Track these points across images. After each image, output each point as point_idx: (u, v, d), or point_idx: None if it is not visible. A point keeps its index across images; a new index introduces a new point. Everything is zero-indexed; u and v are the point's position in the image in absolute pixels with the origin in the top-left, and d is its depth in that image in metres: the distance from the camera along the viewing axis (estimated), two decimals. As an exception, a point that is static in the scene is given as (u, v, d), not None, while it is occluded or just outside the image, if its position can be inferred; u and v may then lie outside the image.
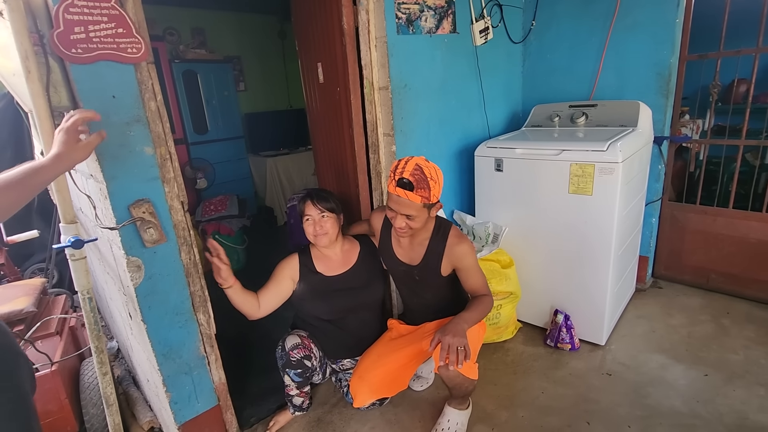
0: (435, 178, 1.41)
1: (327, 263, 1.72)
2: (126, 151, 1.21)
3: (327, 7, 1.94)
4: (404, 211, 1.41)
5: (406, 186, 1.37)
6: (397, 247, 1.65)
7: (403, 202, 1.40)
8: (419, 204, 1.39)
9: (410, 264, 1.62)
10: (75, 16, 1.06)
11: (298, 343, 1.61)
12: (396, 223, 1.45)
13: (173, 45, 3.99)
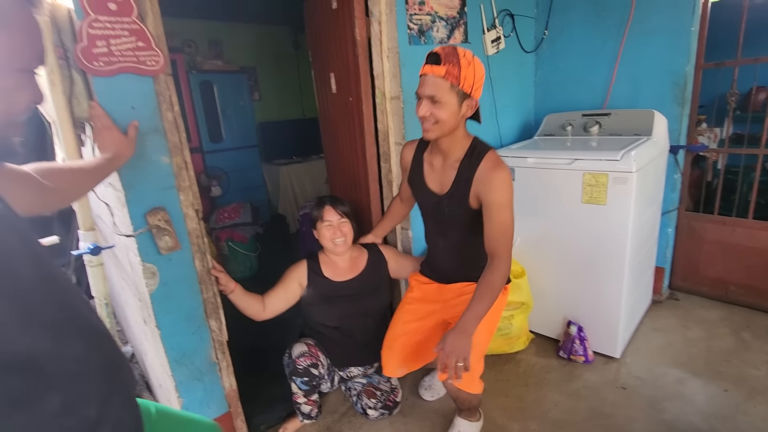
0: (470, 60, 1.18)
1: (335, 269, 1.74)
2: (144, 161, 1.24)
3: (340, 19, 1.98)
4: (428, 91, 1.19)
5: (431, 59, 1.18)
6: (429, 173, 1.42)
7: (427, 80, 1.19)
8: (446, 83, 1.16)
9: (440, 193, 1.39)
10: (98, 31, 1.11)
11: (304, 351, 1.62)
12: (419, 111, 1.23)
13: (191, 56, 4.09)
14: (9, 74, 0.53)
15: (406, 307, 1.63)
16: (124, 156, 1.12)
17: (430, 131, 1.25)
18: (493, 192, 1.24)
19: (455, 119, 1.22)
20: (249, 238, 3.23)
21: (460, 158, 1.32)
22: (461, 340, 1.17)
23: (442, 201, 1.38)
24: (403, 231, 2.14)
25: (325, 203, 1.70)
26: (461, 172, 1.31)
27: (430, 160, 1.40)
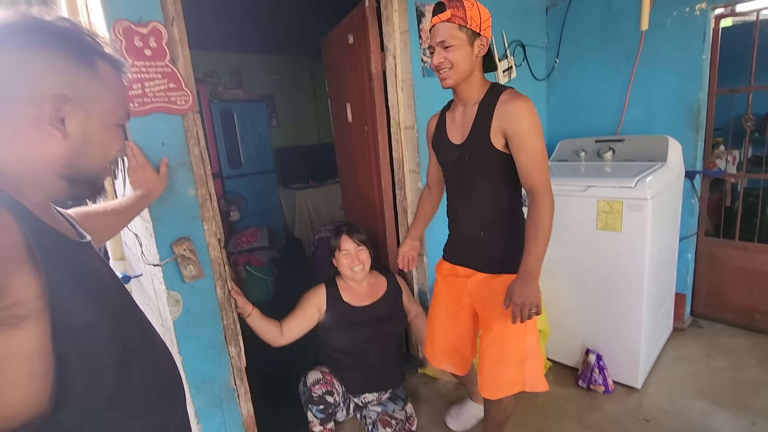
0: (473, 2, 1.19)
1: (354, 294, 1.78)
2: (171, 193, 1.30)
3: (356, 53, 2.07)
4: (439, 37, 1.19)
5: (437, 9, 1.20)
6: (450, 127, 1.37)
7: (436, 28, 1.20)
8: (453, 25, 1.17)
9: (461, 142, 1.31)
10: (134, 75, 1.19)
11: (319, 379, 1.64)
12: (434, 60, 1.22)
13: (213, 86, 4.28)
14: (108, 129, 0.63)
15: (437, 302, 1.55)
16: (156, 193, 1.19)
17: (448, 77, 1.23)
18: (517, 120, 1.18)
19: (469, 60, 1.21)
20: (266, 262, 3.29)
21: (479, 100, 1.27)
22: (528, 287, 1.16)
23: (463, 149, 1.30)
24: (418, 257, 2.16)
25: (342, 233, 1.75)
26: (480, 112, 1.26)
27: (452, 115, 1.37)
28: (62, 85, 0.57)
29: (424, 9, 1.93)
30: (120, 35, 1.16)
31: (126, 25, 1.16)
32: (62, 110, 0.57)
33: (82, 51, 0.59)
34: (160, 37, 1.22)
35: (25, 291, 0.50)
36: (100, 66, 0.61)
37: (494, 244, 1.34)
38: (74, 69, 0.58)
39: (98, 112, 0.61)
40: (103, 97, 0.61)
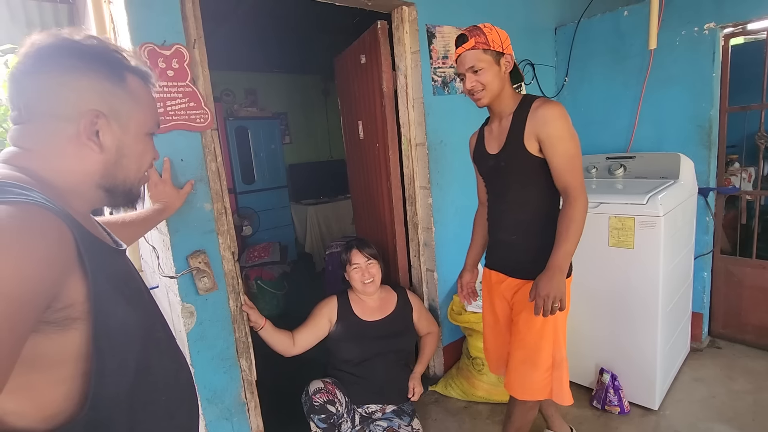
0: (491, 27, 1.29)
1: (364, 308, 1.79)
2: (188, 207, 1.35)
3: (368, 73, 2.12)
4: (468, 64, 1.28)
5: (460, 41, 1.30)
6: (488, 137, 1.45)
7: (462, 57, 1.29)
8: (478, 50, 1.26)
9: (497, 151, 1.38)
10: (156, 95, 1.24)
11: (320, 388, 1.65)
12: (466, 85, 1.31)
13: (229, 104, 4.40)
14: (142, 139, 0.67)
15: (484, 310, 1.60)
16: (174, 208, 1.24)
17: (482, 98, 1.31)
18: (549, 124, 1.24)
19: (499, 78, 1.29)
20: (277, 277, 3.31)
21: (513, 111, 1.35)
22: (554, 280, 1.20)
23: (499, 157, 1.37)
24: (428, 273, 2.17)
25: (352, 247, 1.78)
26: (515, 120, 1.33)
27: (490, 128, 1.45)
28: (96, 102, 0.61)
29: (435, 30, 1.99)
30: (145, 57, 1.22)
31: (151, 48, 1.22)
32: (97, 125, 0.61)
33: (111, 67, 0.63)
34: (182, 59, 1.28)
35: (77, 294, 0.54)
36: (130, 80, 0.65)
37: (526, 249, 1.38)
38: (106, 85, 0.62)
39: (131, 125, 0.65)
40: (134, 109, 0.65)
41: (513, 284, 1.42)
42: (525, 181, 1.35)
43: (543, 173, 1.30)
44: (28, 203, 0.50)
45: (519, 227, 1.39)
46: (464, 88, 1.33)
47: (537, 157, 1.29)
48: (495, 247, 1.51)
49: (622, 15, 2.37)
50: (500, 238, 1.46)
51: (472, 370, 2.03)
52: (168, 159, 1.28)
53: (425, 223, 2.11)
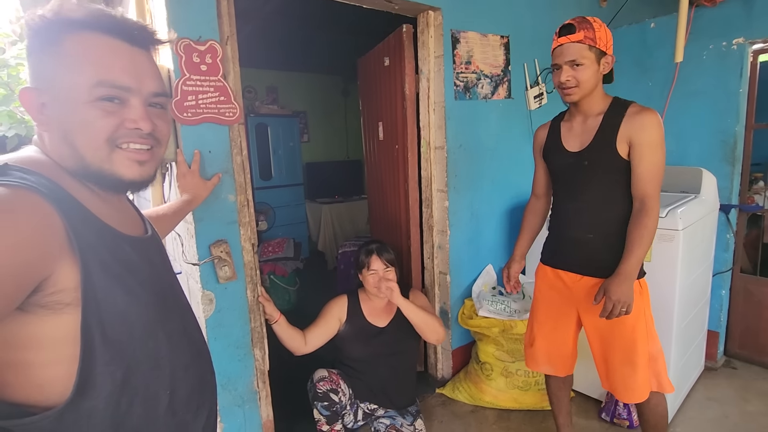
0: (600, 23, 1.25)
1: (373, 310, 1.80)
2: (213, 198, 1.39)
3: (391, 75, 2.15)
4: (569, 56, 1.24)
5: (566, 30, 1.25)
6: (566, 134, 1.43)
7: (565, 48, 1.25)
8: (584, 45, 1.22)
9: (579, 149, 1.37)
10: (190, 88, 1.29)
11: (324, 376, 1.67)
12: (560, 77, 1.28)
13: (250, 101, 4.48)
14: (81, 108, 0.57)
15: (537, 307, 1.58)
16: (200, 198, 1.27)
17: (573, 94, 1.30)
18: (645, 131, 1.24)
19: (595, 78, 1.28)
20: (290, 273, 3.35)
21: (602, 112, 1.33)
22: (624, 285, 1.23)
23: (581, 156, 1.36)
24: (441, 276, 2.18)
25: (372, 252, 1.74)
26: (605, 122, 1.31)
27: (569, 125, 1.43)
28: (34, 78, 0.59)
29: (459, 35, 2.01)
30: (181, 52, 1.26)
31: (187, 43, 1.27)
32: (44, 104, 0.58)
33: (44, 33, 0.57)
34: (215, 55, 1.32)
35: (68, 280, 0.53)
36: (68, 41, 0.57)
37: (605, 248, 1.36)
38: (39, 56, 0.58)
39: (64, 93, 0.57)
40: (67, 74, 0.57)
41: (592, 283, 1.39)
42: (609, 181, 1.34)
43: (627, 175, 1.30)
44: (18, 187, 0.50)
45: (599, 226, 1.36)
46: (555, 80, 1.31)
47: (625, 159, 1.29)
48: (564, 245, 1.46)
49: (649, 27, 2.36)
50: (573, 236, 1.42)
51: (481, 375, 2.03)
52: (198, 152, 1.32)
53: (440, 226, 2.12)
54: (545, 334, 1.55)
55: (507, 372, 1.96)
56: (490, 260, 2.31)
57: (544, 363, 1.58)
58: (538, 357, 1.58)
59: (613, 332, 1.37)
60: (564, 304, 1.48)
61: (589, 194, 1.37)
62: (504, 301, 2.07)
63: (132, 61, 0.60)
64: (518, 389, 1.96)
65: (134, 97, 0.60)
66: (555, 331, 1.52)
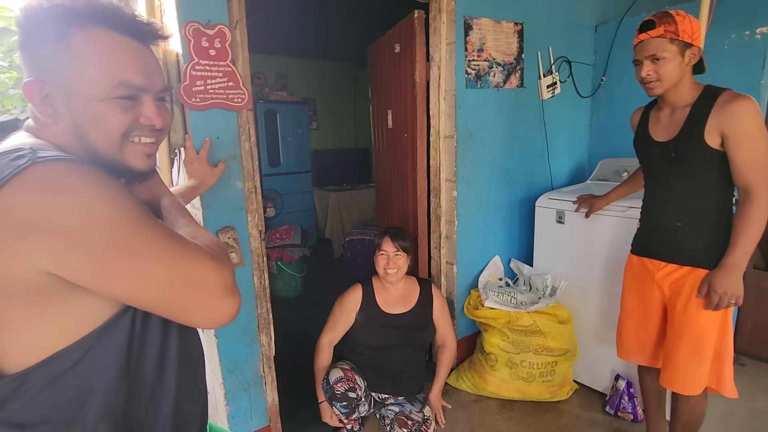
0: (684, 15, 1.23)
1: (387, 298, 1.81)
2: (221, 184, 1.39)
3: (402, 62, 2.12)
4: (648, 51, 1.25)
5: (646, 26, 1.25)
6: (654, 125, 1.42)
7: (645, 43, 1.25)
8: (665, 39, 1.22)
9: (667, 140, 1.35)
10: (198, 73, 1.28)
11: (341, 377, 1.68)
12: (641, 73, 1.28)
13: (260, 87, 4.46)
14: (94, 104, 0.58)
15: (626, 296, 1.58)
16: (207, 185, 1.27)
17: (655, 88, 1.29)
18: (738, 121, 1.20)
19: (679, 70, 1.26)
20: (296, 259, 3.37)
21: (690, 102, 1.31)
22: (732, 277, 1.22)
23: (668, 146, 1.35)
24: (447, 266, 2.17)
25: (386, 234, 1.80)
26: (693, 113, 1.29)
27: (657, 115, 1.42)
28: (38, 69, 0.57)
29: (472, 22, 1.96)
30: (189, 35, 1.25)
31: (195, 27, 1.26)
32: (50, 95, 0.57)
33: (51, 28, 0.56)
34: (224, 39, 1.31)
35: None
36: (77, 36, 0.56)
37: (693, 237, 1.35)
38: (45, 49, 0.57)
39: (77, 90, 0.57)
40: (79, 72, 0.57)
41: (673, 271, 1.39)
42: (698, 172, 1.31)
43: (720, 165, 1.27)
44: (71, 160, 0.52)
45: (687, 214, 1.35)
46: (637, 75, 1.31)
47: (716, 150, 1.25)
48: (652, 234, 1.46)
49: (669, 15, 2.28)
50: (662, 224, 1.41)
51: (485, 365, 2.03)
52: (209, 139, 1.32)
53: (448, 216, 2.11)
54: (633, 325, 1.55)
55: (511, 363, 1.97)
56: (498, 251, 2.30)
57: (635, 353, 1.56)
58: (628, 347, 1.58)
59: (689, 321, 1.34)
60: (650, 293, 1.47)
61: (677, 184, 1.36)
62: (510, 293, 2.06)
63: (144, 60, 0.62)
64: (522, 380, 1.97)
65: (146, 95, 0.62)
66: (643, 321, 1.51)
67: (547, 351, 1.93)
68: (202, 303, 0.56)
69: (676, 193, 1.37)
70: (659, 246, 1.43)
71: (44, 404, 0.54)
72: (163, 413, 0.65)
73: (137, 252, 0.52)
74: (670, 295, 1.40)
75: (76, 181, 0.50)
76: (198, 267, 0.55)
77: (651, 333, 1.51)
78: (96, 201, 0.50)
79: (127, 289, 0.53)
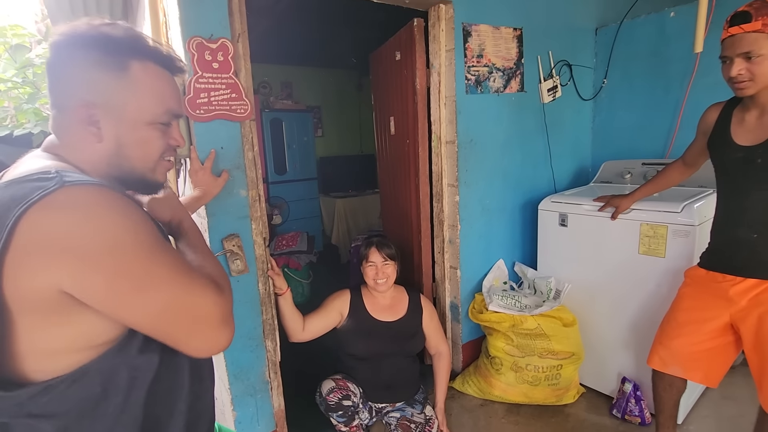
0: None
1: (376, 305, 1.82)
2: (226, 193, 1.42)
3: (402, 69, 2.15)
4: (743, 48, 1.13)
5: (739, 19, 1.13)
6: (737, 127, 1.32)
7: (737, 39, 1.14)
8: (763, 34, 1.10)
9: (753, 144, 1.26)
10: (202, 85, 1.32)
11: (333, 387, 1.68)
12: (731, 71, 1.17)
13: (265, 96, 4.53)
14: (144, 128, 0.65)
15: (679, 305, 1.49)
16: (212, 194, 1.31)
17: (746, 88, 1.19)
18: None
19: None
20: (303, 266, 3.40)
21: None
22: None
23: (754, 152, 1.25)
24: (452, 270, 2.18)
25: (372, 244, 1.80)
26: None
27: (741, 116, 1.32)
28: (89, 92, 0.61)
29: (471, 29, 1.99)
30: (193, 50, 1.29)
31: (199, 41, 1.30)
32: (95, 115, 0.62)
33: (110, 56, 0.62)
34: (227, 52, 1.35)
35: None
36: (134, 67, 0.63)
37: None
38: (101, 75, 0.62)
39: (129, 114, 0.64)
40: (134, 99, 0.63)
41: (754, 285, 1.29)
42: None
43: None
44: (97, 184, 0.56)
45: (763, 226, 1.27)
46: (725, 73, 1.20)
47: None
48: (726, 246, 1.37)
49: (668, 16, 2.29)
50: (735, 236, 1.33)
51: (491, 369, 2.04)
52: (213, 150, 1.36)
53: (451, 221, 2.12)
54: (684, 336, 1.45)
55: (517, 367, 1.96)
56: (501, 255, 2.31)
57: (675, 364, 1.48)
58: (668, 357, 1.49)
59: None
60: (715, 307, 1.38)
61: (757, 193, 1.27)
62: (514, 296, 2.06)
63: (178, 90, 0.71)
64: (528, 384, 1.96)
65: (175, 120, 0.71)
66: (695, 334, 1.43)
67: (552, 354, 1.93)
68: (199, 332, 0.59)
69: (754, 202, 1.27)
70: (736, 261, 1.33)
71: (69, 400, 0.57)
72: (178, 409, 0.68)
73: (148, 281, 0.55)
74: (750, 312, 1.30)
75: (102, 207, 0.54)
76: (200, 299, 0.59)
77: (703, 348, 1.42)
78: (119, 229, 0.54)
79: (131, 314, 0.56)
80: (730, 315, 1.36)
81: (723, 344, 1.42)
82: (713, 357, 1.45)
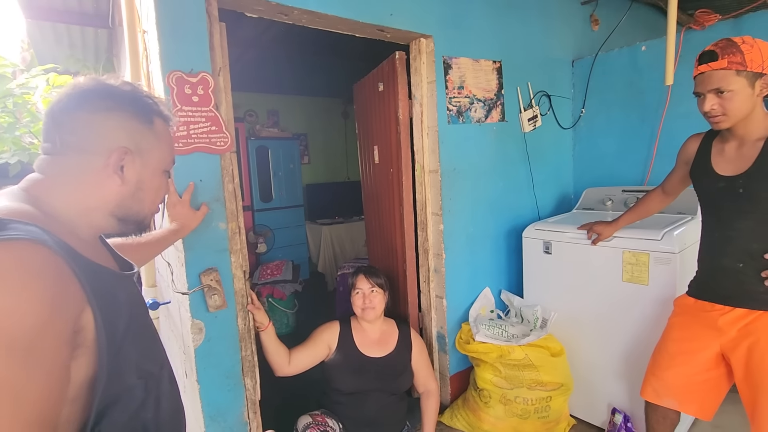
0: (752, 43, 1.13)
1: (365, 339, 1.77)
2: (204, 226, 1.39)
3: (386, 100, 2.18)
4: (711, 85, 1.16)
5: (706, 57, 1.16)
6: (717, 157, 1.32)
7: (706, 76, 1.16)
8: (730, 71, 1.13)
9: (733, 174, 1.26)
10: (181, 118, 1.31)
11: (309, 423, 1.62)
12: (704, 106, 1.19)
13: (251, 124, 4.55)
14: (159, 175, 0.75)
15: (669, 335, 1.48)
16: (189, 228, 1.28)
17: (721, 122, 1.21)
18: None
19: (749, 102, 1.17)
20: (288, 295, 3.33)
21: (763, 137, 1.22)
22: None
23: (735, 182, 1.25)
24: (437, 299, 2.16)
25: (360, 272, 1.79)
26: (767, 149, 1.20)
27: (721, 146, 1.32)
28: (125, 139, 0.68)
29: (451, 61, 2.04)
30: (173, 84, 1.29)
31: (179, 75, 1.30)
32: (124, 160, 0.68)
33: (143, 110, 0.71)
34: (207, 86, 1.35)
35: (89, 327, 0.58)
36: (156, 122, 0.73)
37: (757, 279, 1.25)
38: (135, 125, 0.70)
39: (152, 162, 0.73)
40: (156, 148, 0.73)
41: (743, 316, 1.29)
42: (766, 212, 1.22)
43: None
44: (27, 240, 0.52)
45: (748, 255, 1.26)
46: (700, 108, 1.23)
47: None
48: (712, 276, 1.37)
49: (640, 50, 2.39)
50: (721, 265, 1.33)
51: (479, 402, 1.98)
52: (192, 183, 1.34)
53: (436, 249, 2.11)
54: (675, 367, 1.44)
55: (505, 399, 1.92)
56: (487, 283, 2.29)
57: (668, 395, 1.46)
58: (662, 389, 1.47)
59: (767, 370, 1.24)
60: (704, 337, 1.37)
61: (740, 223, 1.27)
62: (501, 326, 2.03)
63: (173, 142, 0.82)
64: (517, 417, 1.91)
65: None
66: (686, 365, 1.41)
67: (541, 385, 1.89)
68: None
69: (737, 231, 1.28)
70: (723, 290, 1.33)
71: None
72: None
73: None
74: (739, 343, 1.30)
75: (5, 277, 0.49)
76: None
77: (695, 380, 1.40)
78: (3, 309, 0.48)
79: None
80: (721, 345, 1.35)
81: (717, 376, 1.40)
82: (708, 389, 1.43)
